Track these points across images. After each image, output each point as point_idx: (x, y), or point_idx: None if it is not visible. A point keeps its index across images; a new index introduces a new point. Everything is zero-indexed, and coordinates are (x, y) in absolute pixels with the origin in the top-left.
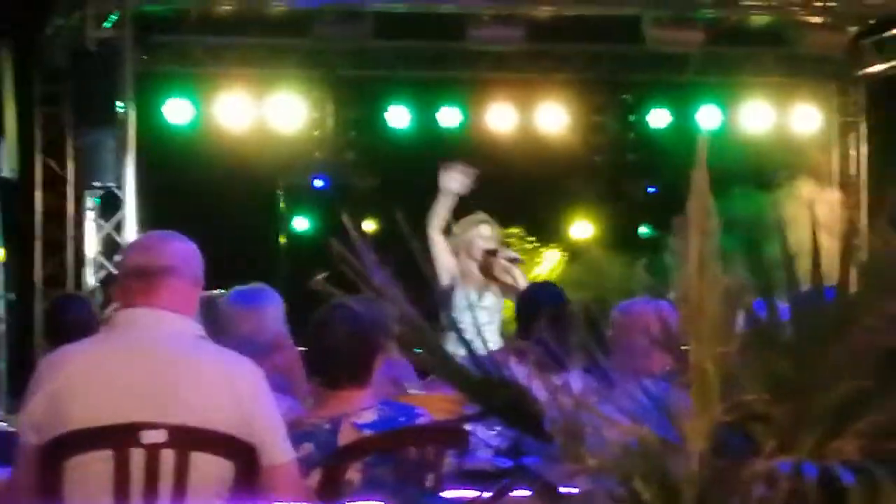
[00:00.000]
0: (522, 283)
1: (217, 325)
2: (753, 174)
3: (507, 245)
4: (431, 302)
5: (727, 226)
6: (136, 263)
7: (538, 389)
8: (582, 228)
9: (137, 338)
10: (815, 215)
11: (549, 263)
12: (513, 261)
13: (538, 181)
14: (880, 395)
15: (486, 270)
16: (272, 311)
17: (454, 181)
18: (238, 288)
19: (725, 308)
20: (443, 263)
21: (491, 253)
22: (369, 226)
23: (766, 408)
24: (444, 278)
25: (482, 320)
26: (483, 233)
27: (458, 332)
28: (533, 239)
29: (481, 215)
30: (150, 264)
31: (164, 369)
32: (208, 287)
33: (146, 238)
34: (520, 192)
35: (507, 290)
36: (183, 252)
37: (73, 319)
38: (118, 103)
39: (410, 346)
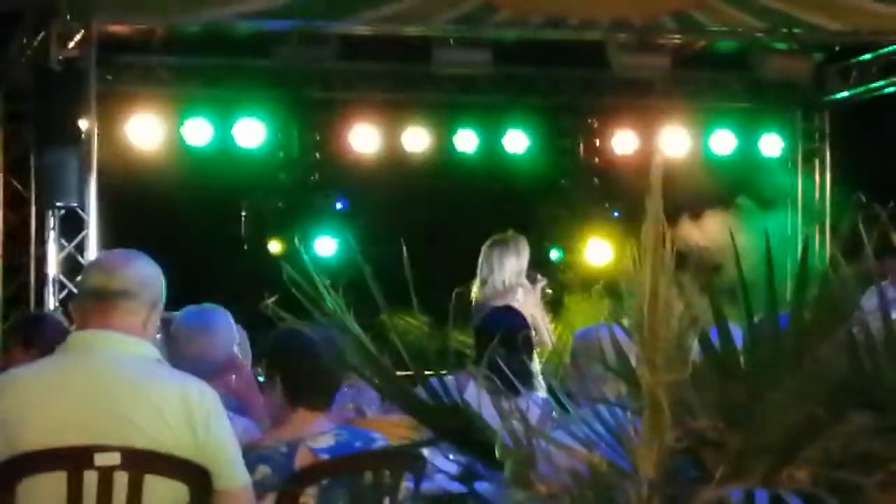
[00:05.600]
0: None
1: (171, 346)
2: (717, 199)
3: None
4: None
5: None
6: (95, 284)
7: (492, 415)
8: (548, 252)
9: (92, 360)
10: (774, 244)
11: None
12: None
13: (503, 204)
14: (831, 423)
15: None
16: (223, 332)
17: None
18: (189, 308)
19: (679, 335)
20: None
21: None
22: (333, 248)
23: (717, 435)
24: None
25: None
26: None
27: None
28: None
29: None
30: (108, 286)
31: (118, 392)
32: (170, 308)
33: (106, 258)
34: (484, 215)
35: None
36: (142, 274)
37: (50, 335)
38: (82, 122)
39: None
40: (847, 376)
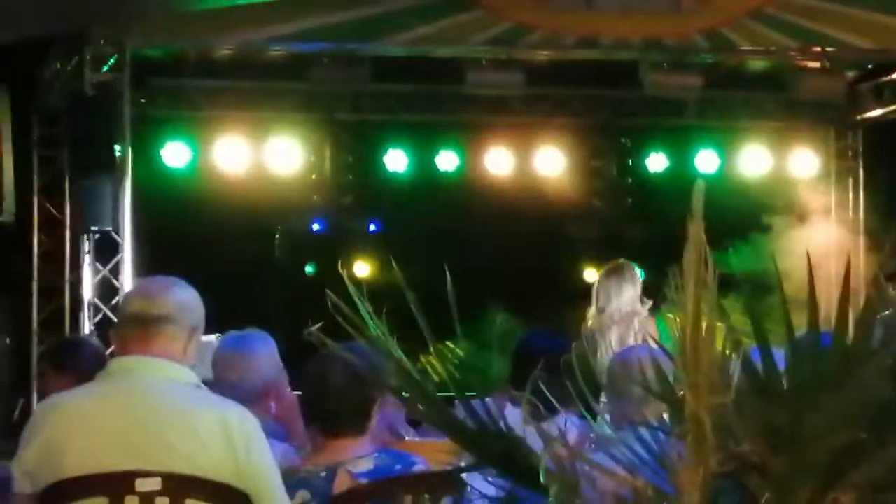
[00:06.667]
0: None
1: (212, 371)
2: (751, 218)
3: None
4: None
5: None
6: (134, 311)
7: (533, 439)
8: (583, 273)
9: (132, 386)
10: (812, 264)
11: None
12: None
13: (536, 225)
14: (876, 447)
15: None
16: (264, 357)
17: None
18: (231, 333)
19: (721, 358)
20: None
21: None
22: (367, 270)
23: (761, 459)
24: None
25: None
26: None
27: None
28: None
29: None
30: (148, 312)
31: (158, 418)
32: (206, 331)
33: (146, 284)
34: (517, 235)
35: None
36: (182, 300)
37: (86, 360)
38: (116, 146)
39: (404, 395)
40: (890, 400)
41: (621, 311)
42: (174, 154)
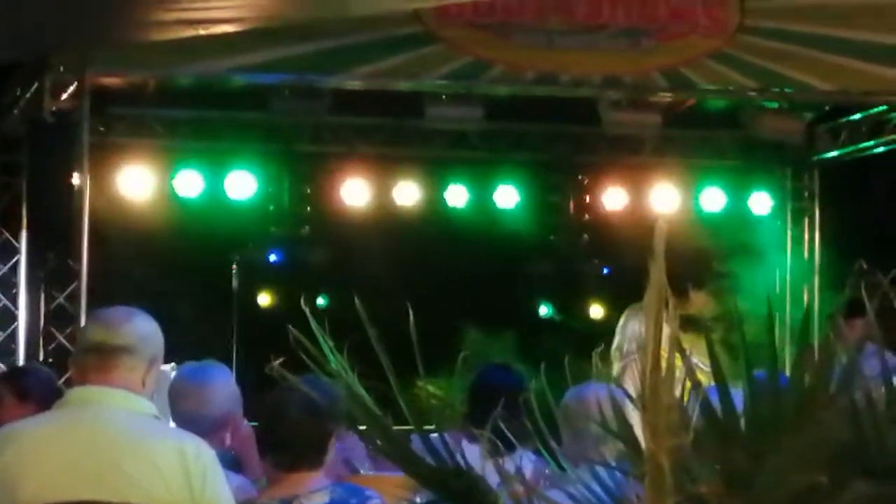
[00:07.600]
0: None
1: (168, 402)
2: (708, 257)
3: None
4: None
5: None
6: (95, 340)
7: (491, 475)
8: (537, 308)
9: (90, 416)
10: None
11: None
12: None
13: (493, 260)
14: (834, 489)
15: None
16: (222, 388)
17: None
18: (188, 364)
19: (681, 399)
20: None
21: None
22: (323, 301)
23: (719, 500)
24: None
25: None
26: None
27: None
28: None
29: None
30: (108, 342)
31: (116, 448)
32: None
33: (107, 314)
34: (474, 270)
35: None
36: (142, 331)
37: (44, 388)
38: (74, 173)
39: (361, 427)
40: (849, 442)
41: (624, 348)
42: (132, 182)
